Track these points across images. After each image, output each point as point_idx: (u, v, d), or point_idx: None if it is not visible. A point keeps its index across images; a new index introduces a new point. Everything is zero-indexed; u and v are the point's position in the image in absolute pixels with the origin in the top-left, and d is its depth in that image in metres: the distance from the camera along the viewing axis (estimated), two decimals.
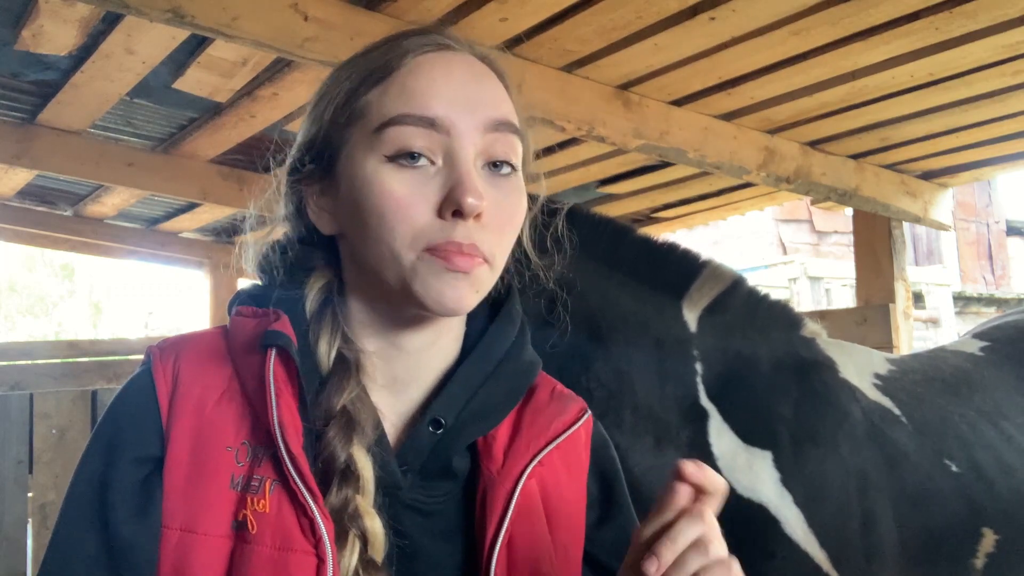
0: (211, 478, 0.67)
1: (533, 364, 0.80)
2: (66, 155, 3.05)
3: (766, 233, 12.57)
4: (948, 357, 1.93)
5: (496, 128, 0.71)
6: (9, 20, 2.17)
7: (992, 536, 1.58)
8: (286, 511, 0.66)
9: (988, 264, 14.24)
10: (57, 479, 2.69)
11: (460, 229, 0.68)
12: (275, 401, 0.67)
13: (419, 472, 0.73)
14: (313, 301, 0.75)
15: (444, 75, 0.71)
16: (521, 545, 0.72)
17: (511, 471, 0.73)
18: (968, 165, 3.14)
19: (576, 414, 0.80)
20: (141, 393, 0.71)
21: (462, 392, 0.74)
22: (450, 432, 0.73)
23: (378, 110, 0.71)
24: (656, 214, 4.16)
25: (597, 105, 2.31)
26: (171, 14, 1.64)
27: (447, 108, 0.69)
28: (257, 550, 0.65)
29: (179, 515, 0.66)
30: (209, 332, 0.76)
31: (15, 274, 17.82)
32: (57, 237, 4.53)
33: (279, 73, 2.41)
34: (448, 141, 0.69)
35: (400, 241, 0.68)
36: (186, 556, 0.65)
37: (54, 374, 4.22)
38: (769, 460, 1.46)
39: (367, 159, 0.70)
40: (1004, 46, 2.12)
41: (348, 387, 0.70)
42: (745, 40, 2.09)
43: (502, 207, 0.71)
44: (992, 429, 1.70)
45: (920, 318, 8.58)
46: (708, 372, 1.50)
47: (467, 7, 1.94)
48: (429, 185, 0.69)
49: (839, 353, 1.70)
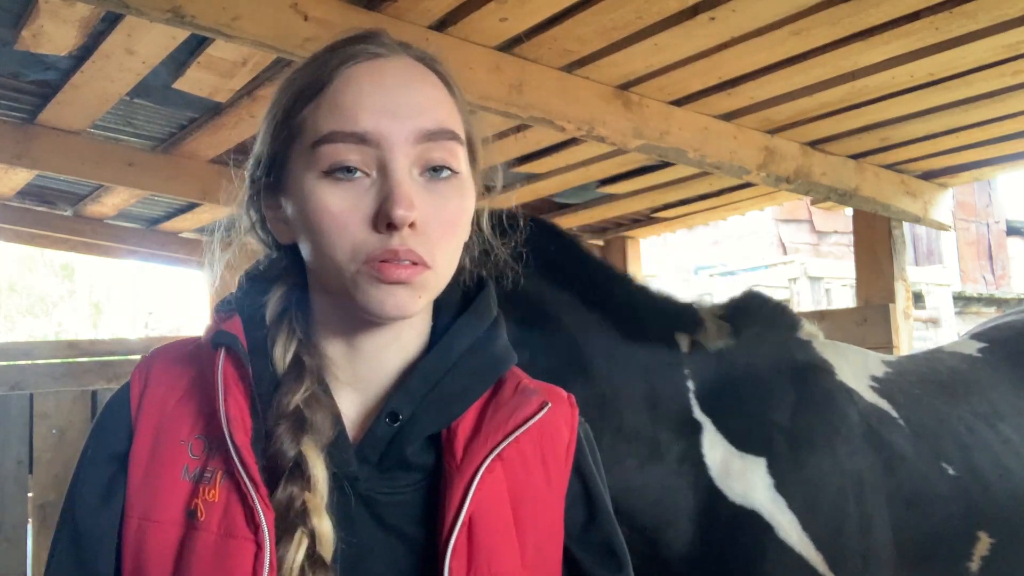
0: (166, 469, 0.71)
1: (501, 359, 0.80)
2: (66, 155, 3.05)
3: (766, 233, 12.57)
4: (945, 358, 1.93)
5: (430, 137, 0.72)
6: (9, 20, 2.17)
7: (987, 539, 1.58)
8: (232, 500, 0.69)
9: (988, 264, 14.23)
10: (57, 479, 2.69)
11: (395, 240, 0.69)
12: (223, 397, 0.71)
13: (377, 465, 0.74)
14: (273, 306, 0.78)
15: (373, 86, 0.72)
16: (482, 537, 0.72)
17: (471, 463, 0.73)
18: (968, 165, 3.14)
19: (537, 407, 0.78)
20: (118, 398, 0.77)
21: (421, 385, 0.75)
22: (407, 424, 0.74)
23: (312, 127, 0.72)
24: (656, 214, 4.16)
25: (597, 105, 2.31)
26: (171, 14, 1.64)
27: (375, 121, 0.70)
28: (203, 536, 0.68)
29: (138, 504, 0.71)
30: (187, 339, 0.81)
31: (15, 274, 17.82)
32: (57, 237, 4.53)
33: (279, 73, 2.41)
34: (379, 153, 0.70)
35: (340, 254, 0.70)
36: (143, 542, 0.70)
37: (54, 374, 4.21)
38: (763, 467, 1.47)
39: (306, 175, 0.72)
40: (1004, 46, 2.12)
41: (301, 388, 0.72)
42: (745, 40, 2.09)
43: (441, 212, 0.72)
44: (989, 431, 1.70)
45: (920, 318, 8.58)
46: (701, 387, 1.52)
47: (467, 7, 1.94)
48: (364, 199, 0.70)
49: (836, 355, 1.70)
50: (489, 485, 0.74)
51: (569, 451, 0.81)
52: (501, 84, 2.11)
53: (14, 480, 2.65)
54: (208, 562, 0.67)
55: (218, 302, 0.80)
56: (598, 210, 4.00)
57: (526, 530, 0.76)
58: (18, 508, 2.64)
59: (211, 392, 0.72)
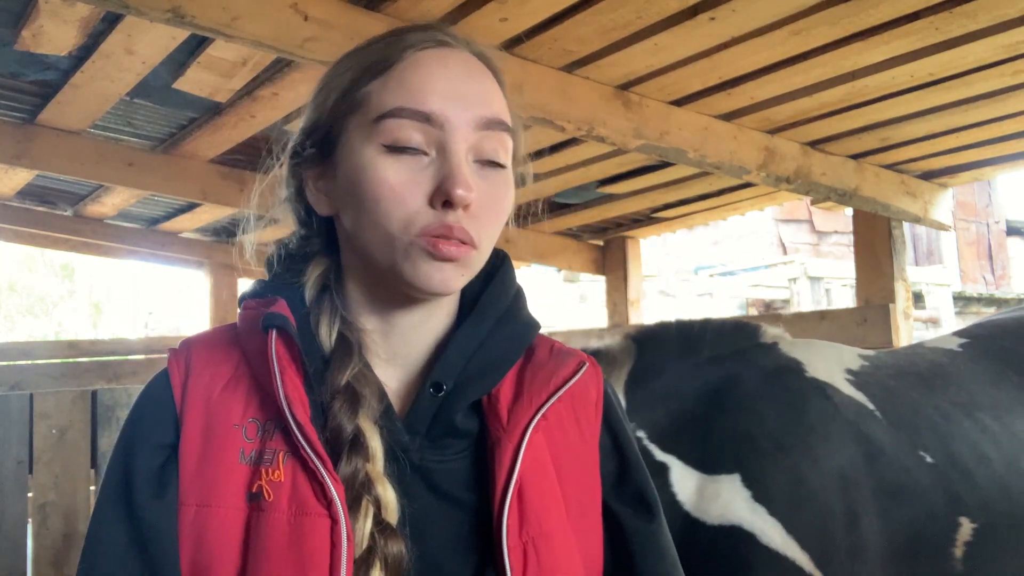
0: (221, 454, 0.72)
1: (529, 326, 0.84)
2: (66, 155, 3.05)
3: (766, 233, 12.57)
4: (925, 353, 1.92)
5: (488, 126, 0.75)
6: (9, 20, 2.17)
7: (969, 525, 1.58)
8: (300, 479, 0.70)
9: (988, 264, 14.23)
10: (57, 479, 2.69)
11: (450, 216, 0.72)
12: (279, 377, 0.72)
13: (426, 435, 0.76)
14: (312, 288, 0.80)
15: (441, 71, 0.75)
16: (531, 498, 0.76)
17: (517, 426, 0.77)
18: (968, 165, 3.14)
19: (575, 367, 0.83)
20: (158, 388, 0.77)
21: (459, 356, 0.78)
22: (451, 394, 0.77)
23: (377, 101, 0.75)
24: (656, 214, 4.16)
25: (597, 105, 2.31)
26: (171, 14, 1.64)
27: (442, 104, 0.73)
28: (274, 516, 0.69)
29: (194, 492, 0.72)
30: (220, 327, 0.82)
31: (15, 274, 17.82)
32: (57, 237, 4.53)
33: (279, 73, 2.41)
34: (442, 135, 0.73)
35: (394, 225, 0.72)
36: (203, 528, 0.70)
37: (54, 374, 4.22)
38: (737, 481, 1.46)
39: (365, 147, 0.74)
40: (1004, 46, 2.12)
41: (350, 364, 0.75)
42: (745, 40, 2.09)
43: (490, 199, 0.75)
44: (967, 420, 1.70)
45: (920, 318, 8.58)
46: (653, 432, 1.51)
47: (467, 7, 1.94)
48: (422, 175, 0.73)
49: (805, 353, 1.69)
50: (535, 445, 0.78)
51: (598, 408, 0.86)
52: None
53: (14, 480, 2.65)
54: (283, 541, 0.69)
55: (249, 289, 0.82)
56: (598, 210, 4.00)
57: (568, 487, 0.80)
58: (18, 508, 2.64)
59: (261, 375, 0.74)
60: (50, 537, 2.66)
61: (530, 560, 0.74)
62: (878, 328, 3.19)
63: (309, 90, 0.84)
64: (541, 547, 0.75)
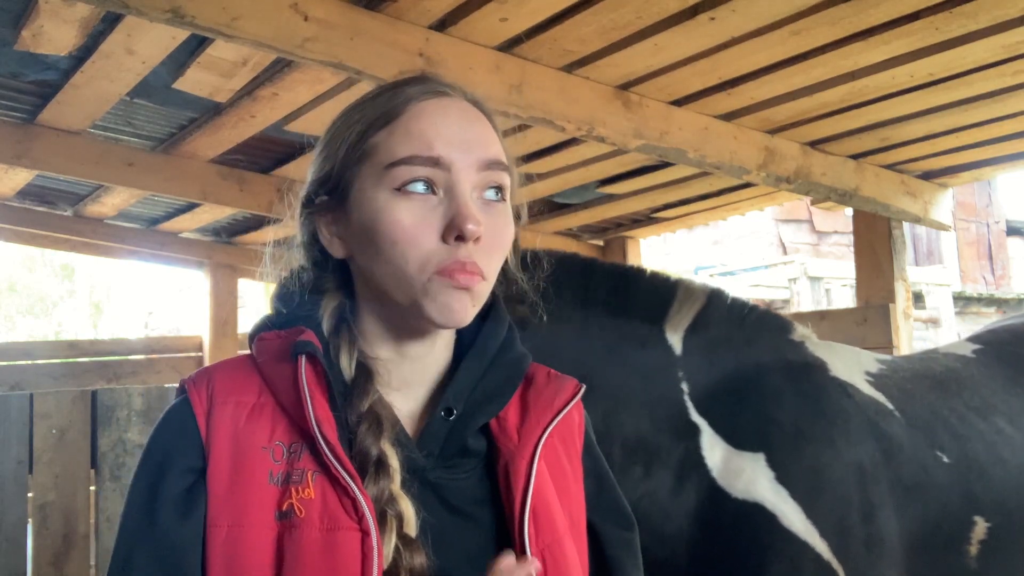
0: (250, 477, 0.77)
1: (524, 356, 0.93)
2: (66, 155, 3.05)
3: (766, 233, 12.57)
4: (939, 358, 1.98)
5: (489, 166, 0.83)
6: (9, 20, 2.17)
7: (984, 524, 1.62)
8: (329, 495, 0.76)
9: (988, 264, 14.24)
10: (57, 479, 2.69)
11: (462, 250, 0.79)
12: (310, 400, 0.78)
13: (439, 455, 0.84)
14: (329, 319, 0.87)
15: (443, 119, 0.83)
16: (542, 508, 0.84)
17: (527, 445, 0.86)
18: (968, 165, 3.14)
19: (573, 390, 0.93)
20: (180, 415, 0.81)
21: (467, 383, 0.86)
22: (461, 417, 0.84)
23: (386, 150, 0.82)
24: (656, 214, 4.16)
25: (597, 105, 2.31)
26: (171, 14, 1.64)
27: (447, 149, 0.81)
28: (306, 531, 0.74)
29: (225, 513, 0.76)
30: (234, 358, 0.88)
31: (15, 274, 17.82)
32: (57, 237, 4.53)
33: (279, 73, 2.41)
34: (449, 177, 0.81)
35: (412, 266, 0.79)
36: (235, 547, 0.75)
37: (54, 374, 4.22)
38: (763, 461, 1.49)
39: (378, 192, 0.81)
40: (1004, 46, 2.12)
41: (370, 391, 0.81)
42: (745, 40, 2.09)
43: (494, 231, 0.83)
44: (982, 423, 1.75)
45: (920, 318, 8.58)
46: (695, 389, 1.54)
47: (467, 7, 1.94)
48: (433, 214, 0.80)
49: (829, 354, 1.74)
50: (540, 462, 0.86)
51: (580, 431, 0.95)
52: (501, 84, 2.11)
53: (14, 480, 2.64)
54: (316, 554, 0.73)
55: (257, 325, 0.88)
56: (598, 210, 4.00)
57: (563, 501, 0.88)
58: (18, 508, 2.64)
59: (286, 400, 0.80)
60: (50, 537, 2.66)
61: (548, 564, 0.82)
62: (878, 328, 3.19)
63: (309, 90, 0.86)
64: (556, 552, 0.83)
